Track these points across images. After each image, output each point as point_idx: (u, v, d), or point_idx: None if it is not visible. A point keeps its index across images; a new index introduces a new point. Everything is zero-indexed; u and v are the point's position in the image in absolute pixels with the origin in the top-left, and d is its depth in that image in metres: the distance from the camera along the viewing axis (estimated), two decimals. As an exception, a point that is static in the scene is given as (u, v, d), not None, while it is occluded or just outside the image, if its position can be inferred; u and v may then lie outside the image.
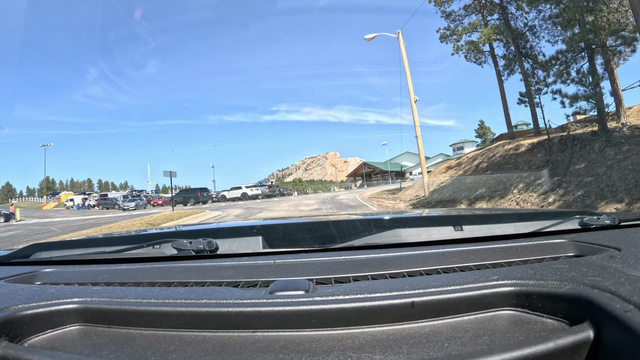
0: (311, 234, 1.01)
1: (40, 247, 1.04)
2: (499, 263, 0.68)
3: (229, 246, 0.97)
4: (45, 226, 16.68)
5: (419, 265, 0.68)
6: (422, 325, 0.49)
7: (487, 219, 1.14)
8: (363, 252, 0.79)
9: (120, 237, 1.22)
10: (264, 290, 0.58)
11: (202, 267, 0.75)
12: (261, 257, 0.82)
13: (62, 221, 19.61)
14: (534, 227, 0.93)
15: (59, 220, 20.59)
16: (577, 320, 0.45)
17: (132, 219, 14.05)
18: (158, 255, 0.91)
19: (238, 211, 16.45)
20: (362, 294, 0.52)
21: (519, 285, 0.52)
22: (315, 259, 0.76)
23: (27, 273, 0.80)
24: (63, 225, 15.88)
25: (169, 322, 0.52)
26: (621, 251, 0.65)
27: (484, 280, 0.54)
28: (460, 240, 0.86)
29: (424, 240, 0.88)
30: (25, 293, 0.62)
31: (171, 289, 0.64)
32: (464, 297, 0.50)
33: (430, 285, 0.54)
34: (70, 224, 16.30)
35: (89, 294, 0.60)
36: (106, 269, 0.80)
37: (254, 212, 15.54)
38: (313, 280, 0.63)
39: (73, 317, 0.55)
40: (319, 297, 0.52)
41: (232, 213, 15.56)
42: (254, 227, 1.04)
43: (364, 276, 0.65)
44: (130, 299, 0.57)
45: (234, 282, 0.66)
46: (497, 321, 0.50)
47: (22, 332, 0.52)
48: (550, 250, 0.73)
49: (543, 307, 0.49)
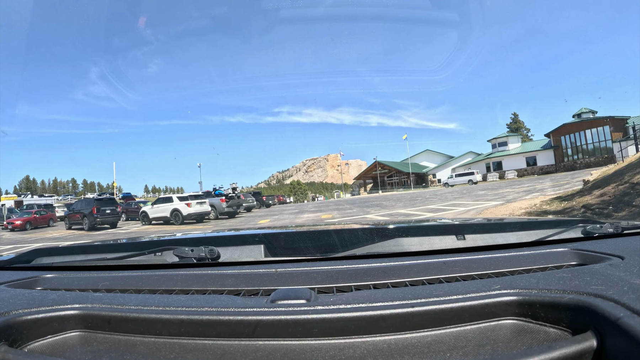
0: (313, 243, 1.00)
1: (42, 253, 1.05)
2: (501, 272, 0.67)
3: (230, 254, 0.96)
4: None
5: (421, 275, 0.68)
6: (424, 335, 0.49)
7: (490, 228, 1.13)
8: (365, 261, 0.78)
9: (122, 244, 1.24)
10: (266, 299, 0.58)
11: (203, 275, 0.75)
12: (263, 265, 0.81)
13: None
14: (536, 236, 0.92)
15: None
16: (580, 330, 0.45)
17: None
18: (160, 262, 0.90)
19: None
20: (364, 303, 0.52)
21: (522, 295, 0.52)
22: (317, 267, 0.76)
23: (28, 278, 0.80)
24: None
25: (169, 330, 0.52)
26: (624, 259, 0.65)
27: (486, 290, 0.54)
28: (462, 249, 0.85)
29: (426, 249, 0.88)
30: (26, 298, 0.63)
31: (172, 296, 0.63)
32: (467, 307, 0.50)
33: (432, 294, 0.54)
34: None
35: (90, 300, 0.60)
36: (107, 275, 0.80)
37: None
38: (315, 289, 0.63)
39: (73, 323, 0.55)
40: (321, 306, 0.52)
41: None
42: (256, 236, 1.05)
43: (366, 285, 0.65)
44: (131, 305, 0.57)
45: (236, 290, 0.66)
46: (499, 331, 0.49)
47: (22, 337, 0.52)
48: (553, 259, 0.72)
49: (546, 316, 0.49)
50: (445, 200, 15.23)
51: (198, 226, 15.23)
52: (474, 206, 11.23)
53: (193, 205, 16.41)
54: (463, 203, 12.75)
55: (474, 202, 12.80)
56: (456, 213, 10.34)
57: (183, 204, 16.20)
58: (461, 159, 50.03)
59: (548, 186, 15.44)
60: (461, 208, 11.32)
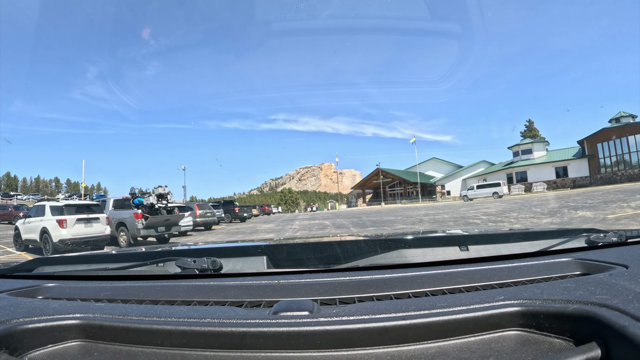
0: (315, 254, 1.00)
1: (44, 262, 1.05)
2: (505, 283, 0.67)
3: (233, 265, 0.96)
4: None
5: (425, 286, 0.67)
6: (427, 347, 0.49)
7: (493, 238, 1.12)
8: (368, 272, 0.78)
9: (124, 254, 1.22)
10: (268, 311, 0.58)
11: (205, 286, 0.74)
12: (265, 276, 0.80)
13: None
14: (540, 246, 0.91)
15: None
16: (585, 340, 0.45)
17: None
18: (162, 273, 0.90)
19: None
20: (367, 315, 0.52)
21: (526, 305, 0.51)
22: (320, 279, 0.75)
23: (29, 287, 0.80)
24: None
25: (171, 341, 0.52)
26: (629, 268, 0.64)
27: (490, 301, 0.54)
28: (465, 260, 0.84)
29: (429, 260, 0.87)
30: (27, 307, 0.63)
31: (174, 307, 0.63)
32: (470, 318, 0.50)
33: (435, 306, 0.54)
34: None
35: (92, 310, 0.60)
36: (109, 285, 0.79)
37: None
38: (317, 300, 0.63)
39: (74, 332, 0.55)
40: (324, 317, 0.52)
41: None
42: (259, 247, 1.04)
43: (368, 297, 0.64)
44: (133, 316, 0.57)
45: (238, 301, 0.66)
46: (503, 342, 0.49)
47: (22, 346, 0.52)
48: (556, 269, 0.72)
49: (550, 326, 0.49)
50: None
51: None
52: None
53: (72, 225, 8.82)
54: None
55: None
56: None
57: (55, 220, 8.85)
58: (472, 168, 44.06)
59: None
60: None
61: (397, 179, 46.97)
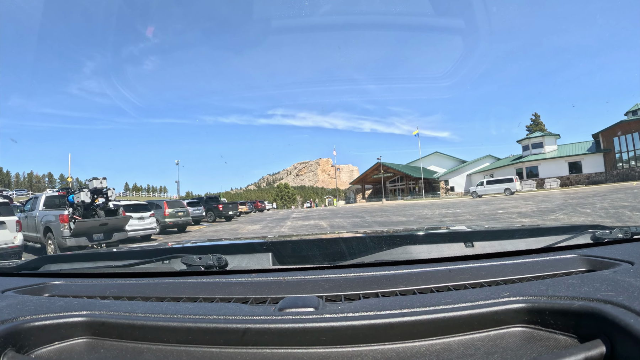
0: (320, 251, 1.00)
1: (50, 260, 1.06)
2: (510, 279, 0.66)
3: (238, 262, 0.96)
4: None
5: (430, 282, 0.67)
6: (432, 343, 0.49)
7: (498, 235, 1.12)
8: (373, 269, 0.78)
9: (130, 252, 1.23)
10: (273, 307, 0.58)
11: (211, 283, 0.75)
12: (270, 273, 0.81)
13: None
14: (545, 243, 0.91)
15: None
16: (590, 336, 0.45)
17: None
18: (167, 270, 0.90)
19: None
20: (372, 312, 0.52)
21: (531, 302, 0.51)
22: (325, 276, 0.75)
23: (36, 285, 0.80)
24: None
25: (177, 338, 0.52)
26: (634, 265, 0.64)
27: (495, 297, 0.54)
28: (471, 256, 0.84)
29: (434, 257, 0.87)
30: (33, 304, 0.63)
31: (180, 304, 0.64)
32: (475, 314, 0.50)
33: (440, 302, 0.54)
34: None
35: (97, 308, 0.60)
36: (115, 283, 0.80)
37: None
38: (322, 297, 0.63)
39: (80, 330, 0.56)
40: (329, 314, 0.52)
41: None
42: (264, 244, 1.05)
43: (374, 293, 0.64)
44: (139, 313, 0.57)
45: (243, 298, 0.66)
46: (508, 338, 0.49)
47: (29, 343, 0.52)
48: (562, 265, 0.72)
49: (555, 323, 0.49)
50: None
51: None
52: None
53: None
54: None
55: None
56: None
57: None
58: (477, 163, 41.47)
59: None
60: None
61: (399, 173, 43.72)
